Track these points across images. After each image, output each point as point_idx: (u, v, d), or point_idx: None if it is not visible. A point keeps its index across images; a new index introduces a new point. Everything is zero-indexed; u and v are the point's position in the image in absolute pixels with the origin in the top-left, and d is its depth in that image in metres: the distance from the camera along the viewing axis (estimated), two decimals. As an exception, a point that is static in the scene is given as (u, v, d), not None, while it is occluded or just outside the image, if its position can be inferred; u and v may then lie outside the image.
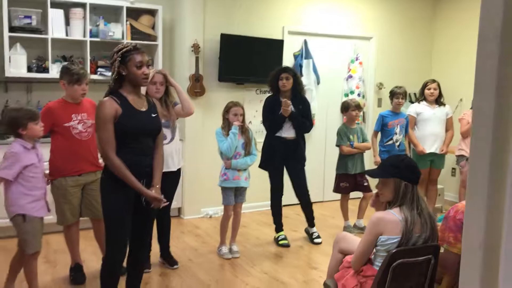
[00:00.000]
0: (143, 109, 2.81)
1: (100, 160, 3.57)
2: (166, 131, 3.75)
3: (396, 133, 5.11)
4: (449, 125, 5.28)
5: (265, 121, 4.55)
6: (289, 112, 4.37)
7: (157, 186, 2.86)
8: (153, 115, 2.87)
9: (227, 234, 4.37)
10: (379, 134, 5.22)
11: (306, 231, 4.86)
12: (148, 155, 2.85)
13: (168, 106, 3.78)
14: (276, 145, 4.51)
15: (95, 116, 2.75)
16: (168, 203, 2.96)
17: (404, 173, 2.47)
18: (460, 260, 2.31)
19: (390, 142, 5.12)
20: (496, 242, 0.73)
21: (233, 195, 4.22)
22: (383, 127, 5.16)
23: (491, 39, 0.72)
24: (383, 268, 2.30)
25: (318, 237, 4.71)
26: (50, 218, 4.66)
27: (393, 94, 5.18)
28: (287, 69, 4.56)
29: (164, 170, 3.14)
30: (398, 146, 5.12)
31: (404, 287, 2.38)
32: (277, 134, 4.49)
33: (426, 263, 2.38)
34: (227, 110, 4.16)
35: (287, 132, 4.50)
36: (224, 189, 4.22)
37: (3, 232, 4.56)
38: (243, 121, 4.17)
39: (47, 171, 3.44)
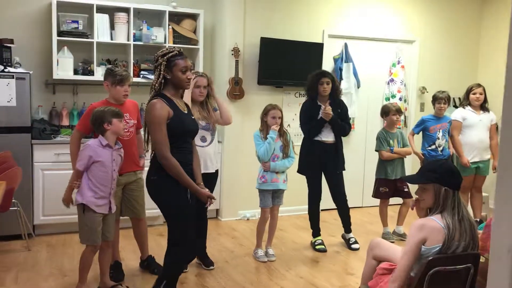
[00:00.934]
0: (186, 111, 2.93)
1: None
2: (206, 134, 3.81)
3: (438, 138, 4.98)
4: (493, 132, 5.08)
5: (304, 126, 4.51)
6: (330, 116, 4.34)
7: (202, 184, 2.96)
8: (192, 117, 2.99)
9: (264, 237, 4.38)
10: (421, 139, 5.10)
11: (343, 237, 4.80)
12: (192, 154, 2.97)
13: (209, 109, 3.85)
14: (316, 149, 4.47)
15: (147, 118, 2.80)
16: (215, 200, 3.05)
17: (444, 178, 2.41)
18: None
19: (433, 147, 4.99)
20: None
21: (271, 197, 4.22)
22: (424, 131, 5.04)
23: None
24: (420, 275, 2.25)
25: (356, 242, 4.64)
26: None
27: (435, 99, 5.04)
28: (327, 73, 4.52)
29: (203, 172, 3.29)
30: (441, 151, 4.98)
31: (441, 295, 2.32)
32: (317, 138, 4.45)
33: (465, 272, 2.31)
34: (265, 113, 4.17)
35: (327, 136, 4.46)
36: (262, 192, 4.23)
37: (51, 229, 4.75)
38: (281, 123, 4.17)
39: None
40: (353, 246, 4.62)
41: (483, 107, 5.05)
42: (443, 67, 6.53)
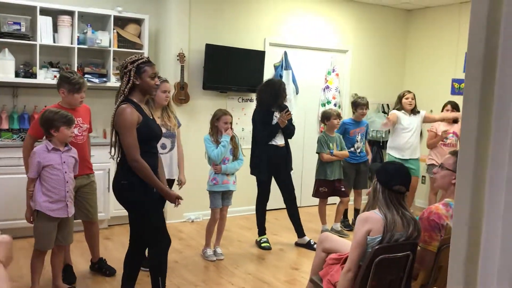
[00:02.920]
0: (151, 117, 3.05)
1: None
2: (166, 141, 3.93)
3: (357, 141, 5.41)
4: (432, 118, 5.54)
5: (260, 132, 4.67)
6: (286, 123, 4.60)
7: (167, 187, 3.12)
8: (156, 123, 3.12)
9: (212, 237, 4.53)
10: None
11: (300, 243, 4.91)
12: (157, 158, 3.09)
13: (169, 115, 3.96)
14: (271, 153, 4.67)
15: (118, 122, 2.86)
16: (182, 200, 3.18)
17: (379, 174, 2.70)
18: (435, 257, 2.54)
19: (352, 149, 5.40)
20: (478, 221, 0.95)
21: (221, 198, 4.39)
22: (344, 134, 5.41)
23: (476, 64, 0.95)
24: (367, 263, 2.51)
25: (315, 243, 4.77)
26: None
27: (357, 105, 5.45)
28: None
29: (169, 178, 3.70)
30: (359, 153, 5.43)
31: (385, 280, 2.60)
32: (272, 143, 4.67)
33: (405, 259, 2.61)
34: (217, 118, 4.31)
35: (281, 140, 4.71)
36: (213, 193, 4.38)
37: None
38: (231, 128, 4.36)
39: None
40: (315, 246, 4.77)
41: (413, 111, 5.50)
42: (373, 75, 7.03)
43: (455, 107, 5.55)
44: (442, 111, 5.67)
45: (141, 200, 2.93)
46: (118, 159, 2.97)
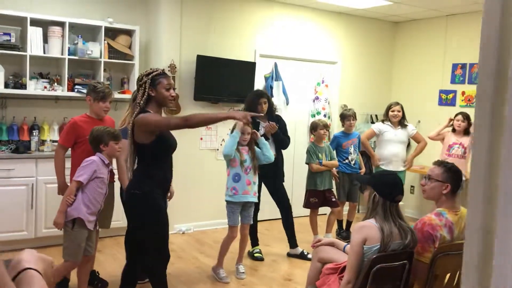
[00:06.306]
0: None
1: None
2: None
3: (350, 153, 5.43)
4: (418, 138, 5.62)
5: None
6: (272, 132, 4.57)
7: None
8: (172, 135, 3.14)
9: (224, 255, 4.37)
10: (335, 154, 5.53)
11: (292, 254, 4.91)
12: (171, 171, 3.16)
13: None
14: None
15: (143, 125, 2.87)
16: None
17: (377, 185, 2.72)
18: (428, 267, 2.56)
19: (346, 161, 5.43)
20: (491, 226, 0.97)
21: (239, 213, 4.20)
22: (338, 147, 5.45)
23: (488, 76, 0.97)
24: (364, 272, 2.53)
25: (308, 253, 4.75)
26: (44, 232, 4.73)
27: (344, 117, 5.50)
28: (264, 94, 4.77)
29: None
30: (354, 164, 5.45)
31: (382, 289, 2.62)
32: None
33: (401, 268, 2.63)
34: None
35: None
36: (231, 206, 4.19)
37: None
38: (251, 140, 4.24)
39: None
40: (309, 256, 4.61)
41: (401, 123, 5.57)
42: (362, 86, 7.10)
43: (467, 117, 5.39)
44: (452, 121, 5.47)
45: (151, 211, 2.93)
46: (134, 168, 3.00)
